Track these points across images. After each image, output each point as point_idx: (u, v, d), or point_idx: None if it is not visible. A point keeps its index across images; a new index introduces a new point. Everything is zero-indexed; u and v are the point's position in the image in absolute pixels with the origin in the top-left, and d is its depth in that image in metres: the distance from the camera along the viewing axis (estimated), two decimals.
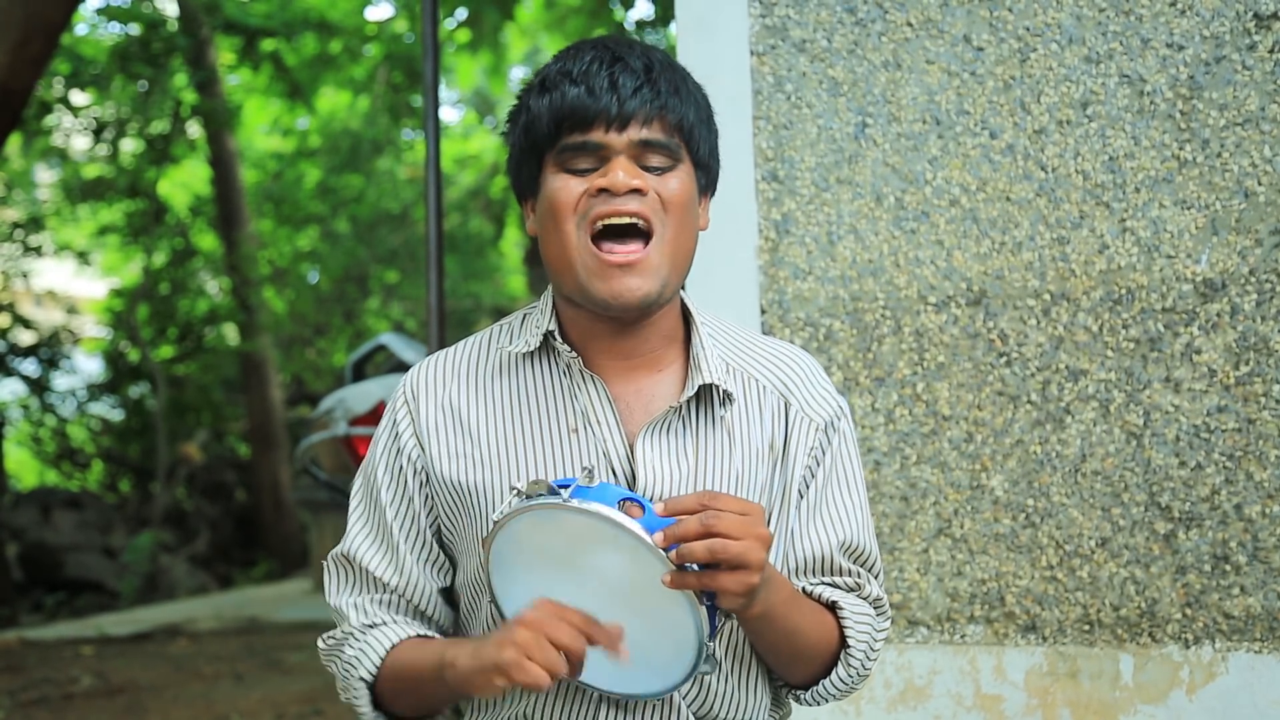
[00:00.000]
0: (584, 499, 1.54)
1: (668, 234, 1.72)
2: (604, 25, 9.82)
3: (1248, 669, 2.70)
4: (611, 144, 1.70)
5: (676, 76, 1.75)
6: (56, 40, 6.86)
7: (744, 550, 1.52)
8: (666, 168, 1.73)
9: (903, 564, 2.94)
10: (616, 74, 1.71)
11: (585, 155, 1.71)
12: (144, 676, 7.91)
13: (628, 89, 1.70)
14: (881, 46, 2.98)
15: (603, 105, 1.69)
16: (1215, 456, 2.74)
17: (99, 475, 15.59)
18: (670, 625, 1.59)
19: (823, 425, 1.85)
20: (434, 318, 4.41)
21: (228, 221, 14.42)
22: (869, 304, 2.97)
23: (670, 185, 1.73)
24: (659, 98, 1.71)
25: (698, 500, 1.54)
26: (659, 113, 1.71)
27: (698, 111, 1.77)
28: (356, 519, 1.88)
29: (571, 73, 1.72)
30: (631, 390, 1.80)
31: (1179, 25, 2.78)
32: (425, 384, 1.85)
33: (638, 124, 1.70)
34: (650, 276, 1.71)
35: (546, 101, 1.72)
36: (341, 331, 15.85)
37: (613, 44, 1.76)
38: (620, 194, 1.69)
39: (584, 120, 1.70)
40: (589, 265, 1.71)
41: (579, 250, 1.71)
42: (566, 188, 1.72)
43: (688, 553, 1.51)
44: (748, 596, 1.56)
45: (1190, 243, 2.77)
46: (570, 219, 1.71)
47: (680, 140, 1.74)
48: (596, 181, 1.70)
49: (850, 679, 1.82)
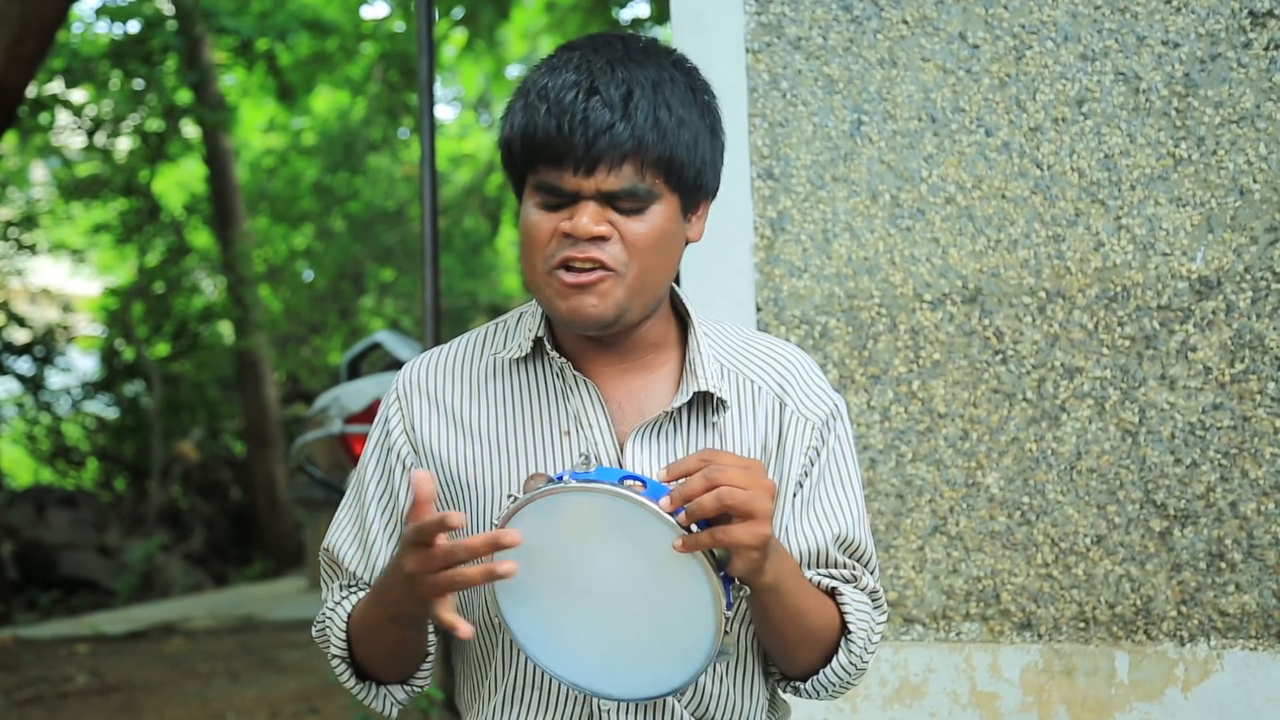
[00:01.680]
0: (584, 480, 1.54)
1: (631, 271, 1.70)
2: (601, 23, 9.81)
3: (1243, 666, 2.70)
4: (580, 189, 1.67)
5: (659, 101, 1.68)
6: (52, 38, 6.84)
7: (750, 497, 1.52)
8: (637, 209, 1.69)
9: (898, 561, 2.94)
10: (589, 111, 1.64)
11: (556, 194, 1.69)
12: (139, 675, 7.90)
13: (597, 127, 1.64)
14: (877, 44, 2.98)
15: (571, 145, 1.64)
16: (1210, 454, 2.74)
17: (94, 473, 15.57)
18: (685, 604, 1.57)
19: (818, 424, 1.84)
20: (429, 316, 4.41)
21: (223, 219, 14.40)
22: (865, 302, 2.97)
23: (638, 228, 1.69)
24: (631, 136, 1.65)
25: (699, 459, 1.54)
26: (632, 153, 1.66)
27: (681, 138, 1.69)
28: (342, 513, 1.89)
29: (549, 97, 1.66)
30: (624, 392, 1.80)
31: (1174, 23, 2.78)
32: (417, 381, 1.85)
33: (604, 170, 1.65)
34: (606, 299, 1.70)
35: (522, 125, 1.69)
36: (337, 329, 15.83)
37: (597, 62, 1.69)
38: (583, 239, 1.67)
39: (554, 159, 1.66)
40: (554, 288, 1.71)
41: (544, 277, 1.72)
42: (539, 223, 1.71)
43: (696, 508, 1.51)
44: (761, 550, 1.55)
45: (1186, 240, 2.77)
46: (539, 253, 1.71)
47: (656, 177, 1.68)
48: (562, 225, 1.68)
49: (850, 668, 1.81)
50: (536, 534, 1.58)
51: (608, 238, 1.68)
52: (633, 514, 1.53)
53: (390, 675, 1.83)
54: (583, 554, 1.59)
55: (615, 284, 1.70)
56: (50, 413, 15.05)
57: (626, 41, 1.75)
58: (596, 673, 1.65)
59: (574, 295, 1.69)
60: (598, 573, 1.59)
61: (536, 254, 1.71)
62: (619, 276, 1.69)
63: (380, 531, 1.84)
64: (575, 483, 1.54)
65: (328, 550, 1.88)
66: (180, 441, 14.99)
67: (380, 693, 1.84)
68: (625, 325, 1.74)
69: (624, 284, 1.70)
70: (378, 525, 1.84)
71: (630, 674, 1.64)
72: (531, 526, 1.58)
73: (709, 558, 1.55)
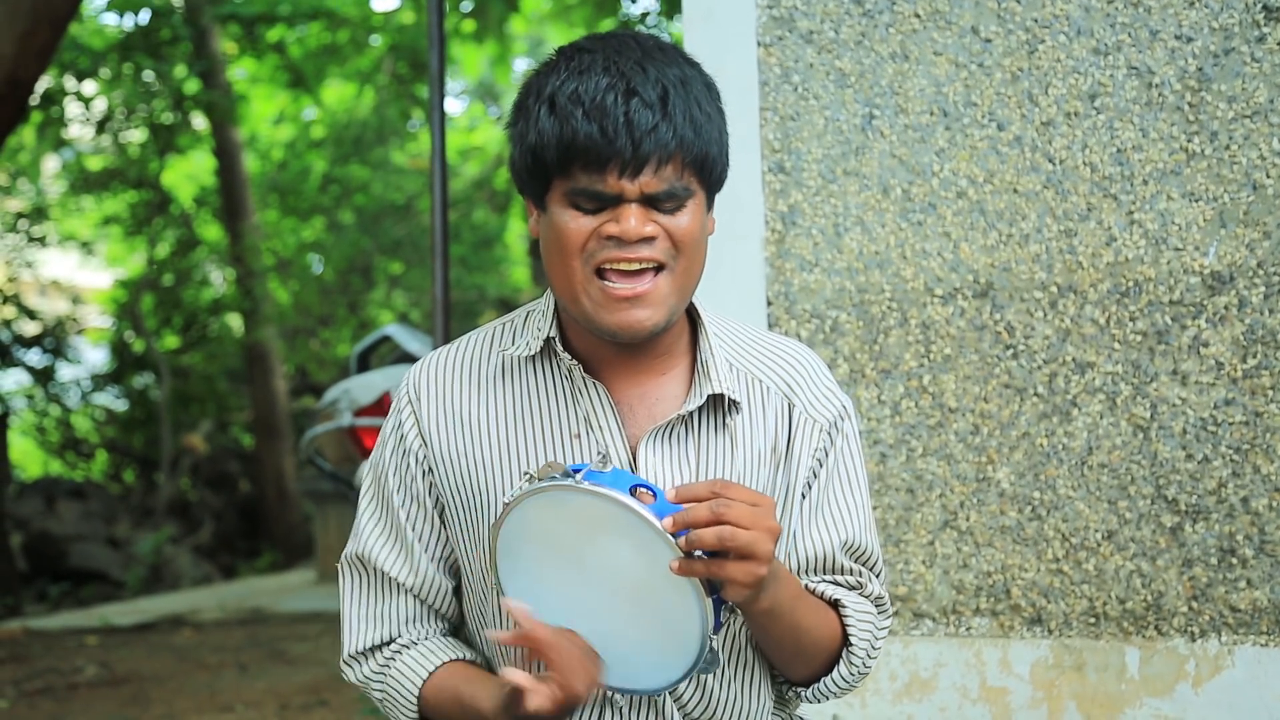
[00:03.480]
0: (596, 482, 1.54)
1: (679, 268, 1.70)
2: (609, 16, 9.80)
3: (1254, 662, 2.70)
4: (625, 192, 1.65)
5: (691, 100, 1.67)
6: (63, 30, 6.85)
7: (752, 540, 1.52)
8: (676, 209, 1.68)
9: (908, 556, 2.94)
10: (632, 111, 1.62)
11: (597, 198, 1.66)
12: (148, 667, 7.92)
13: (642, 129, 1.62)
14: (889, 38, 2.97)
15: (617, 149, 1.62)
16: (1222, 449, 2.74)
17: (103, 465, 15.60)
18: (674, 618, 1.59)
19: (826, 426, 1.84)
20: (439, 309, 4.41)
21: (232, 212, 14.41)
22: (875, 296, 2.97)
23: (681, 223, 1.68)
24: (674, 136, 1.64)
25: (709, 488, 1.54)
26: (674, 154, 1.65)
27: (711, 135, 1.69)
28: (368, 520, 1.87)
29: (584, 101, 1.63)
30: (636, 394, 1.79)
31: (1188, 17, 2.78)
32: (427, 382, 1.84)
33: (651, 169, 1.64)
34: (659, 307, 1.69)
35: (557, 131, 1.65)
36: (346, 322, 15.84)
37: (626, 64, 1.66)
38: (632, 241, 1.66)
39: (596, 162, 1.63)
40: (596, 299, 1.69)
41: (585, 284, 1.69)
42: (576, 226, 1.68)
43: (696, 539, 1.51)
44: (754, 588, 1.56)
45: (1198, 235, 2.76)
46: (577, 257, 1.68)
47: (692, 175, 1.68)
48: (608, 228, 1.66)
49: (851, 677, 1.82)
50: (542, 519, 1.60)
51: (654, 238, 1.67)
52: (636, 526, 1.54)
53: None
54: (586, 547, 1.60)
55: (667, 286, 1.69)
56: (60, 405, 15.09)
57: (639, 40, 1.73)
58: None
59: (624, 309, 1.68)
60: (594, 569, 1.61)
61: (573, 259, 1.68)
62: (670, 274, 1.69)
63: (416, 540, 1.84)
64: (588, 484, 1.55)
65: (361, 556, 1.86)
66: (189, 434, 15.02)
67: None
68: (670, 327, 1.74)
69: (672, 283, 1.69)
70: (412, 534, 1.84)
71: (611, 665, 1.66)
72: (538, 512, 1.60)
73: (704, 581, 1.55)
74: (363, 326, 15.37)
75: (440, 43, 4.29)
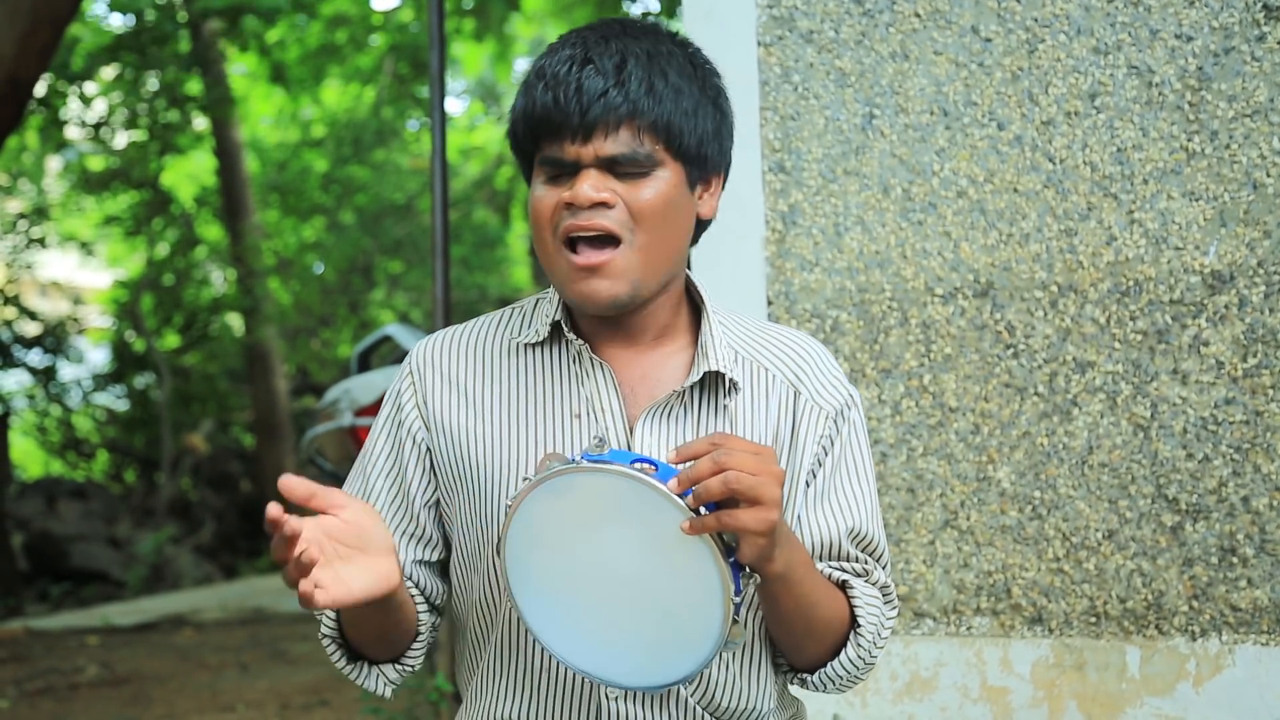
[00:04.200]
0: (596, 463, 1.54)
1: (638, 241, 1.70)
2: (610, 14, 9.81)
3: (1254, 661, 2.70)
4: (580, 157, 1.68)
5: (655, 69, 1.70)
6: (63, 30, 6.86)
7: (758, 483, 1.51)
8: (639, 174, 1.70)
9: (909, 556, 2.94)
10: (582, 80, 1.67)
11: (558, 165, 1.71)
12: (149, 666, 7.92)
13: (590, 94, 1.66)
14: (889, 37, 2.97)
15: (567, 114, 1.67)
16: (1223, 449, 2.74)
17: (104, 465, 15.61)
18: (694, 589, 1.57)
19: (832, 414, 1.84)
20: (439, 309, 4.41)
21: (233, 212, 14.42)
22: (876, 295, 2.97)
23: (642, 194, 1.70)
24: (626, 101, 1.67)
25: (708, 442, 1.54)
26: (627, 119, 1.67)
27: (679, 105, 1.71)
28: (346, 488, 1.88)
29: (545, 75, 1.70)
30: (637, 375, 1.80)
31: (1188, 16, 2.78)
32: (431, 358, 1.85)
33: (601, 135, 1.67)
34: (619, 279, 1.70)
35: (523, 105, 1.72)
36: (347, 322, 15.85)
37: (593, 38, 1.72)
38: (584, 208, 1.68)
39: (552, 132, 1.68)
40: (564, 270, 1.72)
41: (555, 255, 1.73)
42: (544, 198, 1.72)
43: (703, 491, 1.51)
44: (768, 537, 1.55)
45: (1198, 234, 2.76)
46: (547, 229, 1.72)
47: (656, 143, 1.69)
48: (563, 194, 1.69)
49: (858, 661, 1.81)
50: (548, 514, 1.59)
51: (611, 205, 1.69)
52: (642, 495, 1.53)
53: (379, 654, 1.83)
54: (593, 536, 1.59)
55: (624, 257, 1.70)
56: (61, 405, 15.10)
57: (626, 22, 1.77)
58: (605, 660, 1.65)
59: (584, 279, 1.70)
60: (607, 556, 1.60)
61: (544, 230, 1.73)
62: (626, 247, 1.70)
63: (386, 506, 1.85)
64: (587, 464, 1.54)
65: None
66: (190, 433, 15.02)
67: (372, 671, 1.84)
68: (639, 301, 1.74)
69: (633, 255, 1.70)
70: (384, 499, 1.85)
71: (637, 662, 1.64)
72: (543, 507, 1.58)
73: (718, 543, 1.55)
74: (363, 326, 15.38)
75: (440, 42, 4.30)
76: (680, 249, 1.77)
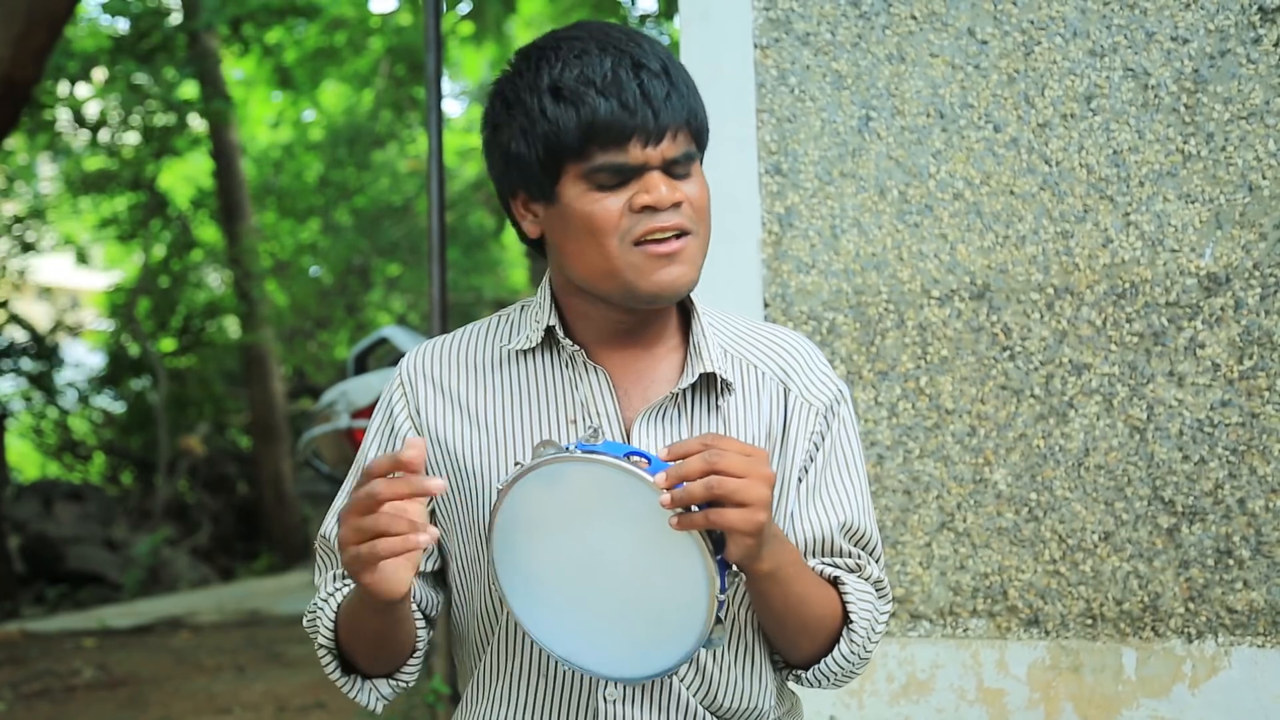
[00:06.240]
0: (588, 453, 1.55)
1: (701, 231, 1.74)
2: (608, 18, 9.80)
3: (1250, 663, 2.70)
4: (648, 160, 1.69)
5: (682, 71, 1.74)
6: (59, 32, 6.86)
7: (742, 486, 1.52)
8: (686, 173, 1.73)
9: (905, 558, 2.94)
10: (645, 83, 1.68)
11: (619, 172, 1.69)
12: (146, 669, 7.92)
13: (659, 98, 1.68)
14: (885, 40, 2.98)
15: (639, 121, 1.67)
16: (1219, 451, 2.74)
17: (101, 468, 15.60)
18: (680, 583, 1.57)
19: (822, 410, 1.85)
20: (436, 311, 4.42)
21: (229, 214, 14.42)
22: (872, 298, 2.97)
23: (694, 189, 1.73)
24: (684, 103, 1.71)
25: (700, 442, 1.55)
26: (687, 121, 1.71)
27: (701, 102, 1.77)
28: (340, 500, 1.88)
29: (595, 81, 1.68)
30: (631, 377, 1.81)
31: (1183, 19, 2.78)
32: (422, 367, 1.85)
33: (671, 137, 1.69)
34: (690, 265, 1.73)
35: (573, 114, 1.68)
36: (343, 324, 15.85)
37: (621, 41, 1.72)
38: (666, 209, 1.70)
39: (619, 137, 1.67)
40: (639, 265, 1.71)
41: (625, 258, 1.71)
42: (604, 207, 1.70)
43: (684, 494, 1.51)
44: (755, 537, 1.56)
45: (1194, 237, 2.76)
46: (613, 235, 1.70)
47: (691, 141, 1.74)
48: (639, 199, 1.69)
49: (852, 658, 1.81)
50: (538, 501, 1.59)
51: (681, 204, 1.72)
52: (633, 488, 1.54)
53: (375, 668, 1.82)
54: (581, 526, 1.59)
55: (693, 245, 1.73)
56: (57, 407, 15.09)
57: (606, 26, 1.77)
58: (585, 647, 1.65)
59: (664, 266, 1.71)
60: (596, 546, 1.60)
61: (608, 239, 1.70)
62: (694, 238, 1.73)
63: None
64: (580, 453, 1.55)
65: (324, 537, 1.87)
66: (187, 436, 15.02)
67: (365, 685, 1.83)
68: None
69: (697, 244, 1.74)
70: None
71: (618, 652, 1.64)
72: (534, 493, 1.59)
73: (705, 540, 1.55)
74: (360, 328, 15.38)
75: (437, 44, 4.30)
76: None
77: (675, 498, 1.51)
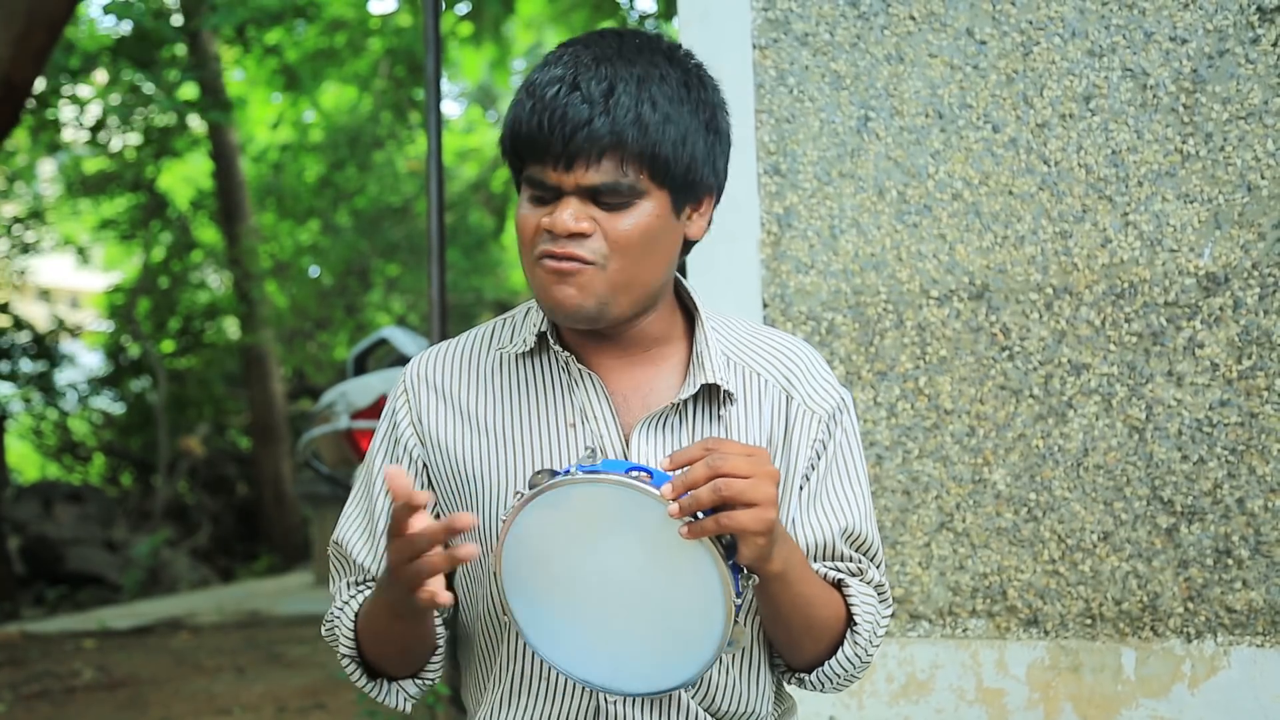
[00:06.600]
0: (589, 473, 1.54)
1: (611, 266, 1.69)
2: (608, 18, 9.81)
3: (1250, 663, 2.70)
4: (561, 184, 1.68)
5: (644, 97, 1.66)
6: (59, 33, 6.86)
7: (749, 486, 1.52)
8: (621, 205, 1.68)
9: (904, 558, 2.94)
10: (568, 106, 1.64)
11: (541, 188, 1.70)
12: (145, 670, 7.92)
13: (574, 122, 1.64)
14: (884, 40, 2.98)
15: (550, 141, 1.65)
16: (1218, 450, 2.74)
17: (100, 469, 15.60)
18: (694, 594, 1.57)
19: (825, 417, 1.85)
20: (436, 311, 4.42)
21: (229, 215, 14.42)
22: (871, 298, 2.97)
23: (622, 224, 1.68)
24: (611, 132, 1.64)
25: (701, 447, 1.54)
26: (610, 149, 1.65)
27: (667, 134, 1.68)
28: (351, 506, 1.90)
29: (535, 93, 1.68)
30: (630, 385, 1.80)
31: (1182, 19, 2.78)
32: (425, 375, 1.86)
33: (583, 165, 1.65)
34: (584, 292, 1.70)
35: (511, 119, 1.71)
36: (343, 325, 15.84)
37: (585, 58, 1.69)
38: (562, 236, 1.68)
39: (536, 155, 1.68)
40: (539, 280, 1.72)
41: (531, 271, 1.73)
42: (527, 217, 1.72)
43: (692, 501, 1.51)
44: (766, 536, 1.55)
45: (1193, 237, 2.76)
46: (528, 247, 1.73)
47: (641, 172, 1.67)
48: (544, 220, 1.69)
49: (855, 660, 1.81)
50: (543, 529, 1.58)
51: (588, 234, 1.68)
52: (639, 503, 1.53)
53: (400, 670, 1.84)
54: (590, 547, 1.58)
55: (595, 277, 1.69)
56: (57, 408, 15.08)
57: (623, 37, 1.74)
58: (607, 670, 1.65)
59: (556, 284, 1.70)
60: (605, 566, 1.59)
61: (525, 247, 1.73)
62: (599, 269, 1.69)
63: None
64: (581, 474, 1.54)
65: (338, 544, 1.88)
66: (186, 437, 15.02)
67: (391, 688, 1.85)
68: (612, 320, 1.73)
69: (604, 279, 1.69)
70: (383, 524, 1.85)
71: (640, 669, 1.64)
72: (538, 521, 1.58)
73: (716, 546, 1.55)
74: (360, 329, 15.36)
75: (436, 45, 4.30)
76: (661, 274, 1.76)
77: (683, 506, 1.51)
